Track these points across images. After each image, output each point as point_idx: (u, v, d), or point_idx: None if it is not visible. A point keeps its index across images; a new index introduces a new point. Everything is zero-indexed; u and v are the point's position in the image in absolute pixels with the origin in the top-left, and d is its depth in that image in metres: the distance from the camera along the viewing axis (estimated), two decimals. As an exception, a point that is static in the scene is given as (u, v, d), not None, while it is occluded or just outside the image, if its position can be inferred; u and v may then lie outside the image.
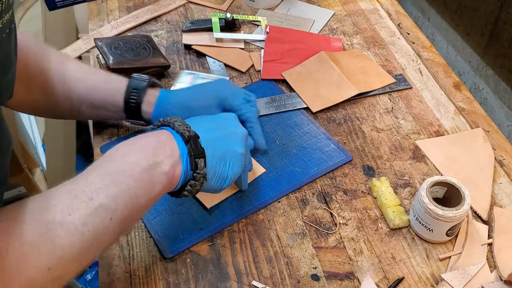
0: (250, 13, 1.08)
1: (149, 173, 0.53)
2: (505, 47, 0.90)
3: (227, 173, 0.62)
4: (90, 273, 1.45)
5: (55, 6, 1.03)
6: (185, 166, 0.57)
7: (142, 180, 0.53)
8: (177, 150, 0.57)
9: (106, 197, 0.49)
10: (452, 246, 0.68)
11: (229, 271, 0.65)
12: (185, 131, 0.58)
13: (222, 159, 0.61)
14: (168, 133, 0.58)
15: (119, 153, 0.54)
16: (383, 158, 0.79)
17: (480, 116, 0.86)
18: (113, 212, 0.50)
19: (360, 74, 0.92)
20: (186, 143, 0.57)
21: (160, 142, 0.56)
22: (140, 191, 0.52)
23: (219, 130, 0.63)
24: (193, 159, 0.57)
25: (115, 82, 0.75)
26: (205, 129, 0.61)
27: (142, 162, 0.53)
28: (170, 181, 0.56)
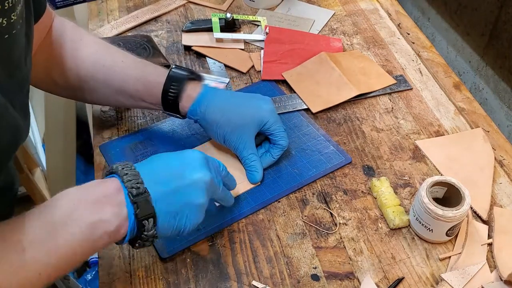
0: (250, 13, 1.08)
1: (92, 232, 0.50)
2: (505, 47, 0.90)
3: (184, 225, 0.57)
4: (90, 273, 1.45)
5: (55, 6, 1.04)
6: (132, 226, 0.53)
7: (83, 238, 0.50)
8: (124, 207, 0.52)
9: (40, 251, 0.47)
10: (452, 246, 0.68)
11: (229, 271, 0.65)
12: (133, 189, 0.53)
13: (178, 214, 0.56)
14: (118, 185, 0.53)
15: (65, 204, 0.51)
16: (383, 158, 0.79)
17: (480, 116, 0.86)
18: (44, 267, 0.48)
19: (361, 75, 0.92)
20: (132, 203, 0.52)
21: (108, 197, 0.52)
22: (79, 248, 0.50)
23: (176, 180, 0.57)
24: (140, 221, 0.53)
25: (154, 74, 0.73)
26: (160, 181, 0.56)
27: (86, 219, 0.50)
28: (114, 239, 0.53)
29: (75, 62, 0.72)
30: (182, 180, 0.57)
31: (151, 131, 0.83)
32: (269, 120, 0.73)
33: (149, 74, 0.73)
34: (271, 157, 0.76)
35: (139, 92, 0.73)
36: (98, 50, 0.73)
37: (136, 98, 0.74)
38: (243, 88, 0.91)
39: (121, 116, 0.86)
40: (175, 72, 0.72)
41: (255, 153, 0.74)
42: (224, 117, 0.72)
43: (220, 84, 0.91)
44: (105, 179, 0.56)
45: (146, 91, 0.73)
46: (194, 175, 0.58)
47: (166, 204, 0.55)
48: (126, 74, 0.73)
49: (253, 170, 0.74)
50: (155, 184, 0.55)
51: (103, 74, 0.72)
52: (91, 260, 1.49)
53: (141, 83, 0.73)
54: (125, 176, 0.54)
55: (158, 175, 0.56)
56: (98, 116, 0.87)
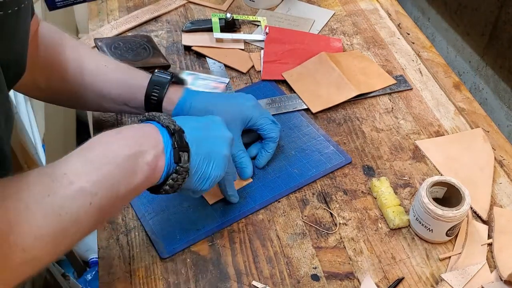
0: (250, 13, 1.08)
1: (131, 161, 0.52)
2: (505, 47, 0.90)
3: (210, 173, 0.61)
4: (90, 273, 1.45)
5: (55, 6, 1.04)
6: (169, 159, 0.56)
7: (124, 167, 0.52)
8: (161, 142, 0.56)
9: (87, 182, 0.49)
10: (452, 246, 0.68)
11: (229, 271, 0.65)
12: (170, 124, 0.57)
13: (206, 158, 0.60)
14: (153, 126, 0.57)
15: (102, 140, 0.53)
16: (383, 158, 0.79)
17: (480, 116, 0.86)
18: (93, 197, 0.49)
19: (361, 75, 0.92)
20: (171, 135, 0.57)
21: (145, 133, 0.56)
22: (122, 179, 0.52)
23: (205, 130, 0.62)
24: (177, 152, 0.56)
25: (136, 77, 0.74)
26: (191, 127, 0.61)
27: (125, 150, 0.52)
28: (153, 173, 0.55)
29: (59, 67, 0.72)
30: (210, 131, 0.63)
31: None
32: (253, 115, 0.74)
33: (131, 78, 0.74)
34: (266, 153, 0.76)
35: (122, 96, 0.74)
36: (82, 54, 0.74)
37: (119, 102, 0.75)
38: (243, 88, 0.91)
39: (121, 116, 0.86)
40: (157, 76, 0.73)
41: (243, 150, 0.75)
42: None
43: (220, 84, 0.91)
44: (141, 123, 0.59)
45: (129, 95, 0.74)
46: (220, 130, 0.64)
47: (197, 145, 0.59)
48: (109, 78, 0.73)
49: (242, 166, 0.75)
50: (187, 129, 0.59)
51: (86, 78, 0.73)
52: (91, 260, 1.49)
53: (123, 87, 0.73)
54: (161, 116, 0.58)
55: (189, 124, 0.61)
56: (98, 116, 0.87)
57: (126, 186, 0.52)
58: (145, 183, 0.55)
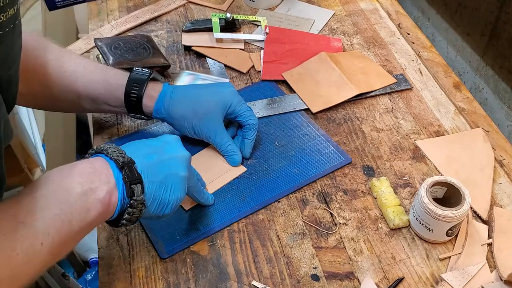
0: (250, 13, 1.08)
1: (83, 199, 0.52)
2: (505, 47, 0.90)
3: (169, 198, 0.59)
4: (90, 273, 1.45)
5: (55, 6, 1.03)
6: (121, 193, 0.55)
7: (76, 206, 0.51)
8: (112, 176, 0.55)
9: (38, 220, 0.48)
10: (452, 246, 0.68)
11: (229, 271, 0.65)
12: (119, 157, 0.56)
13: (162, 183, 0.59)
14: (102, 160, 0.56)
15: (54, 177, 0.52)
16: (383, 158, 0.79)
17: (480, 116, 0.86)
18: (44, 237, 0.48)
19: (361, 74, 0.92)
20: (120, 169, 0.55)
21: (95, 169, 0.54)
22: (74, 217, 0.51)
23: (157, 154, 0.60)
24: (128, 186, 0.55)
25: (115, 77, 0.75)
26: (142, 154, 0.59)
27: (77, 188, 0.52)
28: (106, 209, 0.54)
29: (39, 70, 0.72)
30: (164, 154, 0.61)
31: (150, 131, 0.83)
32: (232, 101, 0.75)
33: (110, 77, 0.75)
34: (247, 141, 0.77)
35: (102, 95, 0.74)
36: (60, 57, 0.74)
37: (99, 101, 0.75)
38: (243, 88, 0.91)
39: (121, 117, 0.86)
40: (136, 73, 0.74)
41: (228, 137, 0.76)
42: (189, 109, 0.73)
43: None
44: (90, 158, 0.58)
45: (108, 94, 0.74)
46: (174, 151, 0.62)
47: (151, 173, 0.58)
48: (88, 78, 0.74)
49: (231, 154, 0.76)
50: (138, 157, 0.58)
51: (66, 80, 0.73)
52: (91, 260, 1.49)
53: (103, 86, 0.74)
54: (108, 149, 0.57)
55: (141, 151, 0.59)
56: (98, 117, 0.87)
57: (79, 224, 0.52)
58: (99, 219, 0.54)
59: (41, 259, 0.49)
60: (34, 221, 0.48)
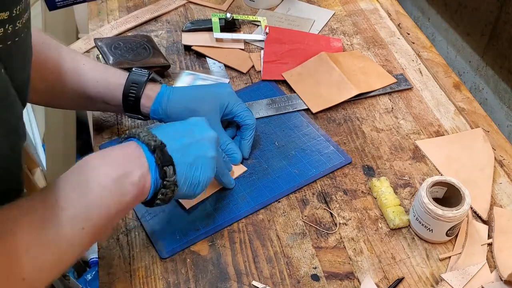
0: (250, 13, 1.08)
1: (119, 184, 0.53)
2: (505, 47, 0.90)
3: (199, 178, 0.62)
4: (90, 273, 1.45)
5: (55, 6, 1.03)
6: (154, 176, 0.57)
7: (112, 190, 0.53)
8: (145, 160, 0.56)
9: (79, 207, 0.50)
10: (452, 246, 0.68)
11: (229, 271, 0.65)
12: (150, 141, 0.57)
13: (193, 164, 0.61)
14: (135, 144, 0.58)
15: (89, 165, 0.54)
16: (383, 158, 0.79)
17: (480, 116, 0.86)
18: (86, 222, 0.50)
19: (361, 74, 0.92)
20: (152, 152, 0.57)
21: (128, 154, 0.56)
22: (111, 202, 0.53)
23: (187, 137, 0.62)
24: (161, 168, 0.57)
25: (114, 76, 0.75)
26: (172, 137, 0.60)
27: (112, 173, 0.53)
28: (141, 191, 0.56)
29: (39, 66, 0.72)
30: (193, 137, 0.63)
31: (151, 131, 0.83)
32: (229, 101, 0.75)
33: (110, 76, 0.75)
34: (244, 141, 0.77)
35: (100, 94, 0.75)
36: (61, 54, 0.74)
37: (97, 100, 0.76)
38: (243, 88, 0.91)
39: (121, 116, 0.86)
40: (134, 74, 0.75)
41: (227, 137, 0.77)
42: (186, 110, 0.74)
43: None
44: (122, 143, 0.59)
45: (107, 93, 0.75)
46: (203, 133, 0.64)
47: (181, 155, 0.60)
48: (88, 76, 0.74)
49: (231, 152, 0.76)
50: (168, 139, 0.59)
51: (65, 77, 0.73)
52: (91, 260, 1.49)
53: (102, 86, 0.74)
54: (141, 133, 0.58)
55: (170, 134, 0.61)
56: (98, 116, 0.87)
57: (116, 208, 0.53)
58: (134, 202, 0.56)
59: (82, 243, 0.51)
60: (75, 208, 0.50)
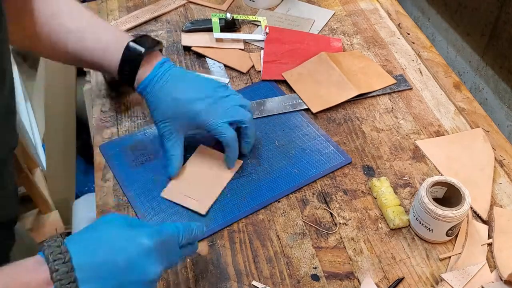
0: (250, 13, 1.08)
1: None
2: (505, 47, 0.90)
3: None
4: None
5: (55, 6, 1.03)
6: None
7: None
8: None
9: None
10: (452, 246, 0.68)
11: (229, 271, 0.65)
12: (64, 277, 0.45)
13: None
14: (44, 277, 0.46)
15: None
16: (383, 158, 0.79)
17: (480, 116, 0.86)
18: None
19: (361, 74, 0.92)
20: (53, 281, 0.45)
21: None
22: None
23: (117, 277, 0.48)
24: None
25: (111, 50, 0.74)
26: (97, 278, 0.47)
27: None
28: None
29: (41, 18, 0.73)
30: (125, 276, 0.49)
31: (151, 131, 0.83)
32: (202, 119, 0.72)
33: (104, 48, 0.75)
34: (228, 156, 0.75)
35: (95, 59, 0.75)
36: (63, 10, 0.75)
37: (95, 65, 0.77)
38: (243, 88, 0.91)
39: (121, 116, 0.86)
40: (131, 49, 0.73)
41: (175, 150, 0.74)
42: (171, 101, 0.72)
43: None
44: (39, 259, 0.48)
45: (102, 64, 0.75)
46: (140, 277, 0.49)
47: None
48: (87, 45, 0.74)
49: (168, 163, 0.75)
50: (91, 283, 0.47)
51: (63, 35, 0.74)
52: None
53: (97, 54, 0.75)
54: (55, 274, 0.46)
55: (97, 271, 0.48)
56: (98, 116, 0.87)
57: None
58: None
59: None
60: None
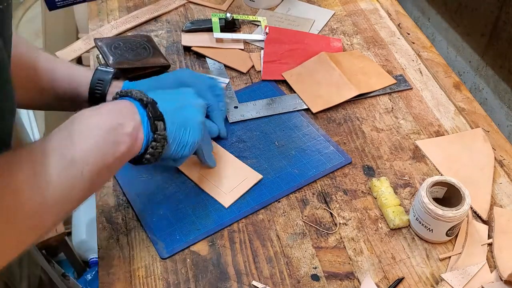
0: (250, 13, 1.08)
1: (113, 133, 0.56)
2: (505, 47, 0.90)
3: (187, 140, 0.65)
4: (90, 273, 1.45)
5: (55, 6, 1.04)
6: (146, 129, 0.59)
7: (108, 138, 0.55)
8: (137, 114, 0.59)
9: (76, 151, 0.52)
10: (452, 246, 0.68)
11: (229, 271, 0.65)
12: (143, 97, 0.61)
13: (182, 126, 0.64)
14: (127, 101, 0.61)
15: (84, 116, 0.56)
16: (383, 158, 0.79)
17: (480, 116, 0.86)
18: (84, 166, 0.52)
19: (361, 74, 0.92)
20: (144, 107, 0.60)
21: (122, 108, 0.59)
22: (107, 149, 0.55)
23: (177, 101, 0.66)
24: (152, 122, 0.60)
25: (80, 74, 0.75)
26: (163, 99, 0.63)
27: (106, 123, 0.56)
28: (134, 143, 0.58)
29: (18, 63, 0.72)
30: (182, 101, 0.67)
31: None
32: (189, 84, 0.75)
33: (76, 70, 0.76)
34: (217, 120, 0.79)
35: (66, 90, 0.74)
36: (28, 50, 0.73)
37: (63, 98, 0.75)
38: (243, 88, 0.91)
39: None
40: (100, 71, 0.75)
41: None
42: None
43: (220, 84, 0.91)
44: (115, 101, 0.62)
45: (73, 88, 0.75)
46: (192, 99, 0.68)
47: (171, 115, 0.63)
48: (54, 72, 0.74)
49: None
50: (160, 100, 0.63)
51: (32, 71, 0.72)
52: (91, 260, 1.49)
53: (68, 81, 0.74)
54: (132, 91, 0.62)
55: (162, 96, 0.64)
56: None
57: (112, 156, 0.56)
58: (128, 153, 0.58)
59: (82, 187, 0.53)
60: (74, 152, 0.52)
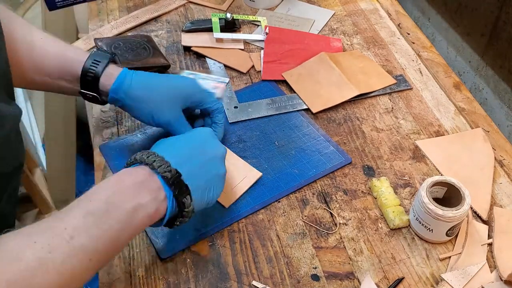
0: (250, 13, 1.08)
1: (133, 216, 0.53)
2: (505, 47, 0.90)
3: (212, 198, 0.63)
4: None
5: (55, 6, 1.03)
6: (171, 206, 0.57)
7: (125, 222, 0.53)
8: (162, 191, 0.56)
9: (87, 238, 0.49)
10: (452, 246, 0.68)
11: (229, 271, 0.65)
12: (166, 173, 0.57)
13: (206, 186, 0.61)
14: (149, 171, 0.57)
15: (102, 193, 0.53)
16: (383, 158, 0.79)
17: (480, 116, 0.86)
18: (93, 253, 0.50)
19: (361, 74, 0.92)
20: (170, 186, 0.57)
21: (143, 183, 0.55)
22: (122, 233, 0.53)
23: (199, 156, 0.62)
24: (180, 200, 0.57)
25: (75, 52, 0.72)
26: (185, 158, 0.60)
27: (127, 205, 0.53)
28: (154, 220, 0.56)
29: None
30: (204, 155, 0.63)
31: (151, 131, 0.83)
32: (193, 91, 0.75)
33: (69, 50, 0.72)
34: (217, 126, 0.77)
35: (57, 68, 0.71)
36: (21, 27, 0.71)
37: (54, 76, 0.72)
38: (243, 88, 0.91)
39: (121, 116, 0.86)
40: (97, 53, 0.72)
41: (189, 125, 0.75)
42: (148, 94, 0.72)
43: (220, 84, 0.91)
44: (133, 167, 0.58)
45: (65, 67, 0.71)
46: (214, 150, 0.65)
47: (197, 179, 0.60)
48: (46, 50, 0.71)
49: None
50: (182, 164, 0.58)
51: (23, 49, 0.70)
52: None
53: (60, 59, 0.71)
54: (154, 163, 0.57)
55: (181, 155, 0.60)
56: (98, 116, 0.87)
57: (126, 238, 0.54)
58: (143, 229, 0.57)
59: (88, 273, 0.50)
60: (84, 238, 0.49)
